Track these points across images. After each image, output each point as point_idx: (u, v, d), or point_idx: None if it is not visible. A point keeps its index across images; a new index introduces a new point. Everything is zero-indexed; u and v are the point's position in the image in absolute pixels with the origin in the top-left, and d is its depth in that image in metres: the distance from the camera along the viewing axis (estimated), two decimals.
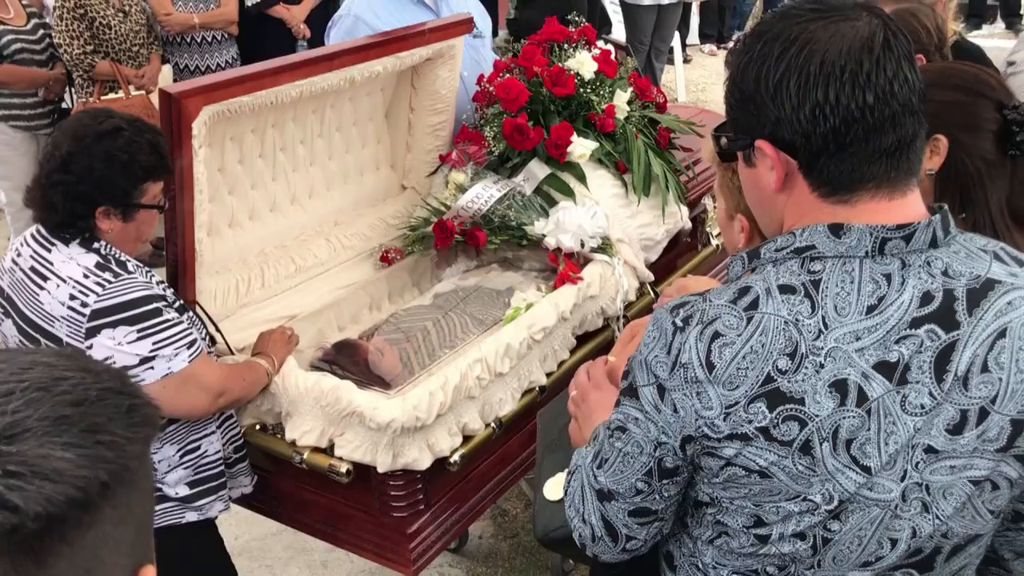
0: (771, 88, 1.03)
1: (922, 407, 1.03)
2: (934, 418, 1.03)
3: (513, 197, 2.71)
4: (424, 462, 2.09)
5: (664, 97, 3.09)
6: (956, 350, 1.03)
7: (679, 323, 1.07)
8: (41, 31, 4.40)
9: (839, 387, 1.01)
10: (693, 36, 8.17)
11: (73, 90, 4.58)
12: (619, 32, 6.53)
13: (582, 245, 2.60)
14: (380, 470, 2.07)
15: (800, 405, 1.02)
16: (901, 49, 1.03)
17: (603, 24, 6.50)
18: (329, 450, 2.13)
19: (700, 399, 1.05)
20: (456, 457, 2.16)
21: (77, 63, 4.33)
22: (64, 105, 4.66)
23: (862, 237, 1.03)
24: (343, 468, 2.09)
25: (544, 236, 2.63)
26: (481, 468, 2.34)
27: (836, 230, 1.04)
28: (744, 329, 1.03)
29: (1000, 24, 8.34)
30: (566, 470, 1.39)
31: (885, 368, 1.02)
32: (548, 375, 2.44)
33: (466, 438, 2.20)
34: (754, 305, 1.04)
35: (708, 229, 3.22)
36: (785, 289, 1.04)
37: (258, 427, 2.26)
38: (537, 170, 2.76)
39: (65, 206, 1.90)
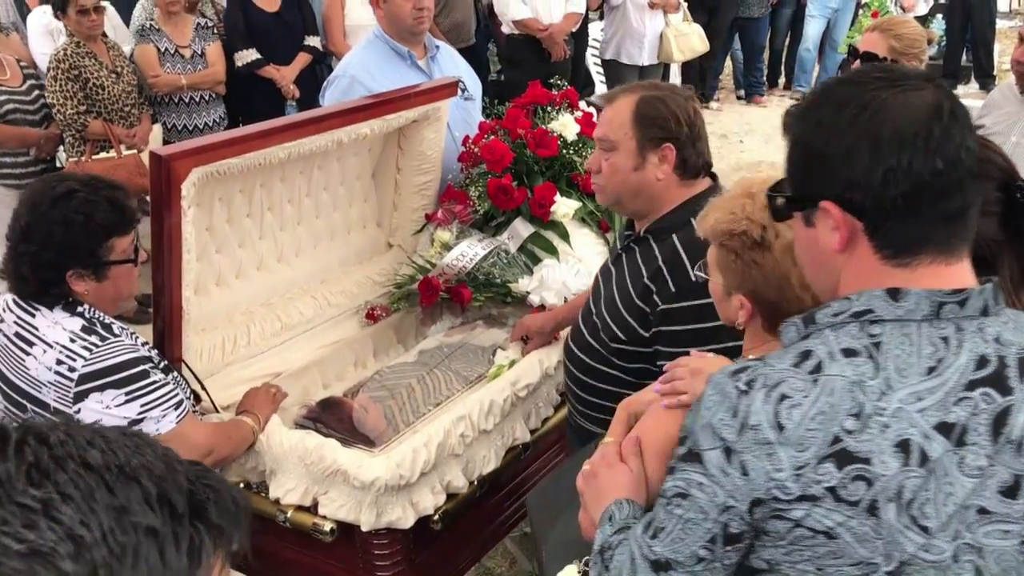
0: (843, 151, 1.06)
1: (979, 469, 1.05)
2: (988, 479, 1.05)
3: (498, 255, 2.75)
4: (408, 520, 2.09)
5: None
6: (1011, 414, 1.05)
7: (742, 387, 1.09)
8: (36, 92, 4.45)
9: (903, 447, 1.03)
10: None
11: (64, 149, 4.62)
12: (601, 92, 6.67)
13: (566, 302, 2.63)
14: (364, 528, 2.07)
15: (867, 465, 1.04)
16: (964, 119, 1.08)
17: (586, 85, 6.64)
18: (313, 509, 2.13)
19: (771, 460, 1.06)
20: (439, 515, 2.16)
21: (70, 123, 4.38)
22: (57, 164, 4.70)
23: (920, 301, 1.06)
24: (327, 527, 2.09)
25: (528, 293, 2.67)
26: (465, 526, 2.33)
27: (894, 294, 1.07)
28: (811, 391, 1.05)
29: (974, 84, 8.55)
30: (579, 560, 1.37)
31: (945, 429, 1.04)
32: (532, 432, 2.45)
33: (450, 496, 2.21)
34: (818, 368, 1.07)
35: None
36: (848, 352, 1.07)
37: (242, 485, 2.26)
38: (521, 229, 2.81)
39: (34, 275, 1.89)
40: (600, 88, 6.79)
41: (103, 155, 4.42)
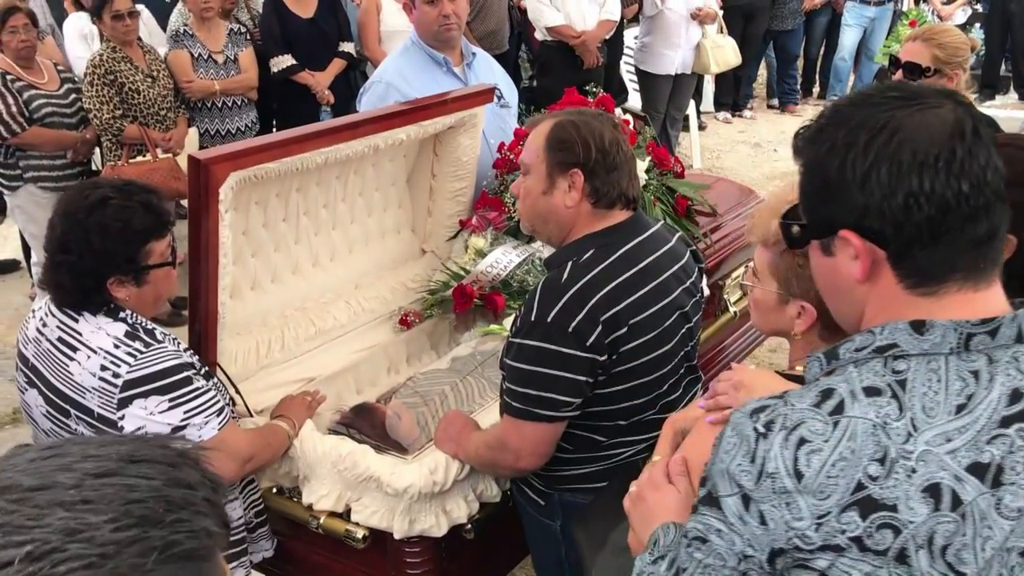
0: (859, 177, 1.01)
1: (1019, 510, 0.98)
2: None
3: (532, 262, 2.73)
4: (441, 528, 2.07)
5: (681, 166, 3.12)
6: None
7: (761, 429, 1.04)
8: (73, 95, 4.51)
9: (932, 491, 0.98)
10: (707, 104, 8.29)
11: (101, 151, 4.67)
12: (635, 100, 6.63)
13: None
14: (396, 536, 2.05)
15: (894, 512, 0.98)
16: (988, 136, 1.02)
17: (620, 92, 6.61)
18: (346, 515, 2.12)
19: (790, 509, 1.01)
20: (472, 524, 2.14)
21: (106, 127, 4.42)
22: (93, 167, 4.75)
23: (946, 334, 1.01)
24: (359, 534, 2.08)
25: None
26: (497, 536, 2.31)
27: (919, 327, 1.01)
28: (831, 434, 1.00)
29: (1013, 95, 8.43)
30: None
31: (978, 470, 0.98)
32: None
33: (483, 505, 2.19)
34: (839, 409, 1.01)
35: (726, 296, 3.23)
36: (870, 391, 1.02)
37: (275, 490, 2.26)
38: None
39: (74, 284, 1.88)
40: (634, 96, 6.76)
41: (139, 159, 4.47)
